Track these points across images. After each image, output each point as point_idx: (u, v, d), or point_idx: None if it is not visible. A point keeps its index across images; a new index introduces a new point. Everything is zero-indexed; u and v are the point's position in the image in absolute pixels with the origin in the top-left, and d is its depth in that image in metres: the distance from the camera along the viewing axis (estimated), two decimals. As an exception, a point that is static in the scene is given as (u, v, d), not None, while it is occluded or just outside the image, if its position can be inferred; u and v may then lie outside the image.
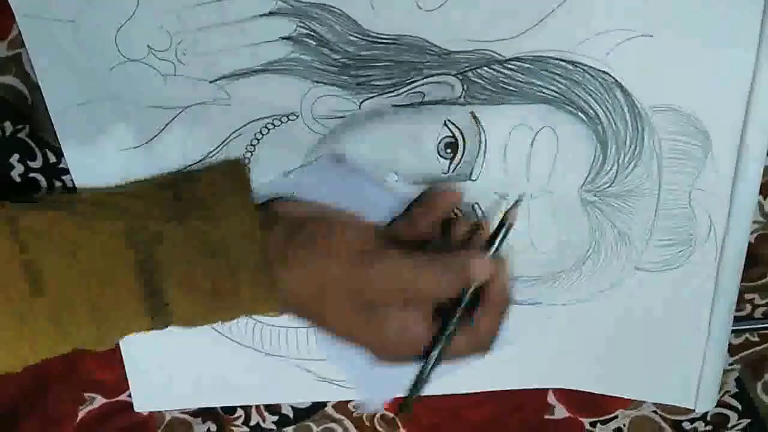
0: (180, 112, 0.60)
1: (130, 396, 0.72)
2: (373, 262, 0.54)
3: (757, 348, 0.73)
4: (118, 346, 0.69)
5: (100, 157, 0.61)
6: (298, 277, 0.53)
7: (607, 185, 0.60)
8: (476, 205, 0.61)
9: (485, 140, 0.59)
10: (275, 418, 0.76)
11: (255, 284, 0.52)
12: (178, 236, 0.52)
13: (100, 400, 0.73)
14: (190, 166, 0.62)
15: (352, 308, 0.53)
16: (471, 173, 0.60)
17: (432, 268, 0.54)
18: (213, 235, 0.53)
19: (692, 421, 0.76)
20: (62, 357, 0.54)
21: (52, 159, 0.62)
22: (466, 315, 0.56)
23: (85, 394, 0.73)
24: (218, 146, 0.61)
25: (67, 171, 0.62)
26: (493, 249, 0.57)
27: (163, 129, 0.60)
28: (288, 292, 0.53)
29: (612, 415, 0.76)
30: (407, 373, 0.57)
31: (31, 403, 0.72)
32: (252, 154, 0.61)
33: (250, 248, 0.53)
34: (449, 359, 0.57)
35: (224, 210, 0.55)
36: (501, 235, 0.57)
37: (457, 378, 0.69)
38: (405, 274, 0.53)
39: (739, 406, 0.75)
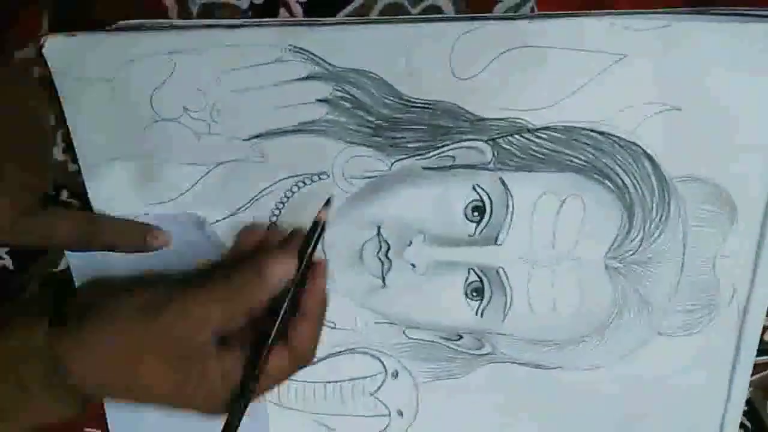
0: (212, 169, 0.60)
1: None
2: (160, 308, 0.52)
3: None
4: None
5: (128, 211, 0.62)
6: (97, 356, 0.52)
7: (632, 253, 0.61)
8: (500, 270, 0.61)
9: (513, 206, 0.60)
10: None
11: (48, 394, 0.52)
12: None
13: None
14: (216, 222, 0.62)
15: (164, 368, 0.52)
16: (497, 237, 0.61)
17: (223, 285, 0.53)
18: (3, 356, 0.52)
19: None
20: None
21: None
22: (281, 327, 0.54)
23: None
24: (247, 203, 0.62)
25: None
26: (306, 249, 0.55)
27: (194, 185, 0.61)
28: (90, 379, 0.52)
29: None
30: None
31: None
32: (280, 212, 0.62)
33: (41, 362, 0.52)
34: (272, 380, 0.55)
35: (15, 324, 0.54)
36: (313, 237, 0.55)
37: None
38: (197, 301, 0.52)
39: (750, 425, 0.76)
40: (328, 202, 0.57)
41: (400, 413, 0.69)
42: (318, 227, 0.56)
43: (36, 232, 0.57)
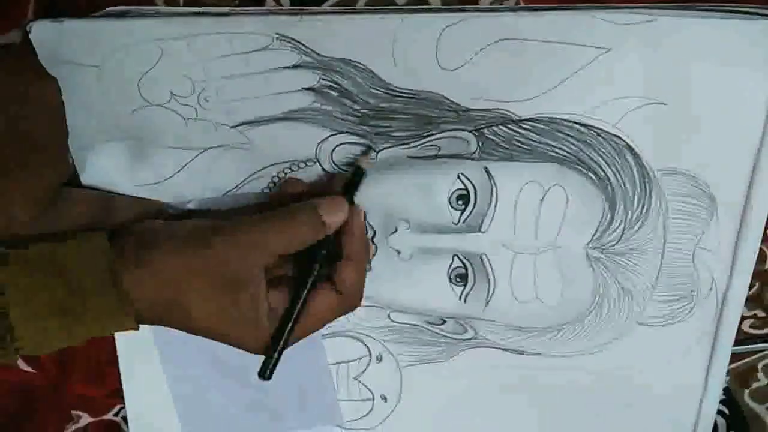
0: (199, 153, 0.62)
1: (116, 415, 0.74)
2: (217, 234, 0.54)
3: (747, 359, 0.77)
4: (107, 365, 0.70)
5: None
6: (153, 278, 0.53)
7: (613, 243, 0.63)
8: (484, 256, 0.63)
9: (497, 195, 0.62)
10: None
11: (103, 299, 0.52)
12: (21, 257, 0.52)
13: (86, 419, 0.74)
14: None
15: (214, 296, 0.53)
16: (481, 225, 0.63)
17: (280, 219, 0.55)
18: (59, 255, 0.53)
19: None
20: (49, 374, 0.57)
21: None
22: (326, 271, 0.57)
23: (72, 412, 0.74)
24: (235, 188, 0.63)
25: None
26: (347, 194, 0.58)
27: (182, 168, 0.62)
28: (145, 299, 0.53)
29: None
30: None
31: (18, 422, 0.73)
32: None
33: (96, 264, 0.53)
34: (319, 320, 0.57)
35: (73, 234, 0.55)
36: (355, 182, 0.59)
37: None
38: (249, 230, 0.54)
39: (728, 412, 0.79)
40: (367, 151, 0.60)
41: (384, 397, 0.71)
42: (361, 173, 0.59)
43: (56, 219, 0.59)
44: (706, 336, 0.68)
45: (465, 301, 0.66)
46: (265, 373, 0.57)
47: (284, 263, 0.60)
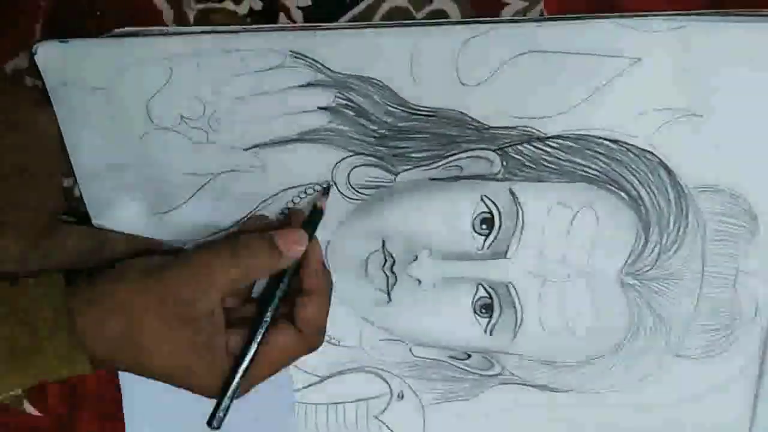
0: (210, 180, 0.60)
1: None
2: (169, 267, 0.53)
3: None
4: (119, 401, 0.68)
5: (126, 222, 0.62)
6: (106, 317, 0.52)
7: (649, 268, 0.60)
8: (510, 285, 0.60)
9: (523, 218, 0.59)
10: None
11: (56, 339, 0.51)
12: None
13: None
14: (216, 233, 0.62)
15: (168, 334, 0.52)
16: (506, 251, 0.60)
17: (233, 248, 0.54)
18: (12, 294, 0.52)
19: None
20: (57, 414, 0.59)
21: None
22: (287, 310, 0.56)
23: None
24: (248, 213, 0.62)
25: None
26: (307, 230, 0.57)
27: (193, 195, 0.61)
28: (99, 339, 0.52)
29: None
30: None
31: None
32: (282, 223, 0.61)
33: (50, 303, 0.52)
34: (278, 361, 0.56)
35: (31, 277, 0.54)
36: (313, 221, 0.57)
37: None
38: (203, 263, 0.53)
39: None
40: (326, 191, 0.59)
41: (406, 438, 0.68)
42: (318, 214, 0.58)
43: (47, 254, 0.58)
44: (750, 368, 0.64)
45: (491, 333, 0.63)
46: (213, 420, 0.55)
47: (246, 304, 0.58)
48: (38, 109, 0.57)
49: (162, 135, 0.59)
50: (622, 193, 0.59)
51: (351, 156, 0.59)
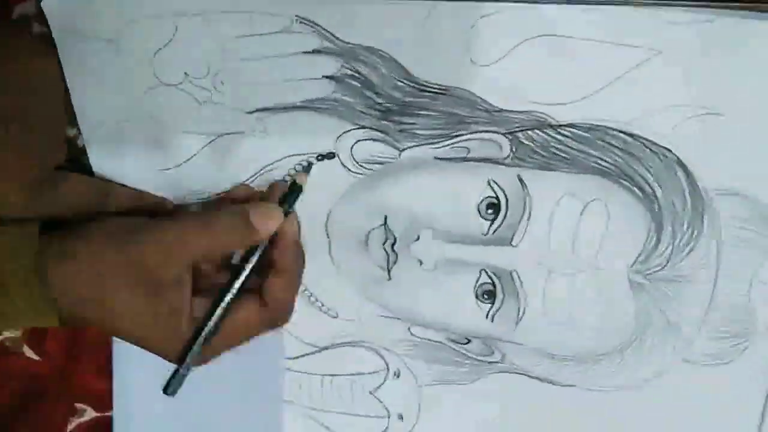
0: (214, 139, 0.60)
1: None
2: (140, 231, 0.53)
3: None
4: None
5: (128, 177, 0.62)
6: (76, 273, 0.52)
7: (659, 268, 0.59)
8: (514, 273, 0.59)
9: (530, 206, 0.59)
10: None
11: (26, 290, 0.52)
12: None
13: (90, 413, 0.73)
14: (219, 194, 0.62)
15: (134, 296, 0.53)
16: (512, 238, 0.59)
17: (206, 218, 0.55)
18: None
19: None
20: (56, 363, 0.60)
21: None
22: (253, 282, 0.56)
23: (77, 405, 0.73)
24: (251, 177, 0.62)
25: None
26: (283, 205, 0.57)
27: (195, 154, 0.61)
28: (68, 294, 0.52)
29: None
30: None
31: (23, 412, 0.72)
32: (285, 189, 0.61)
33: (23, 254, 0.52)
34: (241, 333, 0.56)
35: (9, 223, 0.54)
36: (291, 198, 0.57)
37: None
38: (174, 230, 0.53)
39: None
40: (308, 167, 0.59)
41: (401, 417, 0.68)
42: (297, 190, 0.58)
43: (50, 203, 0.59)
44: (761, 381, 0.63)
45: (492, 320, 0.62)
46: (168, 387, 0.56)
47: (220, 272, 0.59)
48: (42, 57, 0.58)
49: (166, 91, 0.59)
50: (636, 189, 0.58)
51: (356, 129, 0.59)
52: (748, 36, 0.53)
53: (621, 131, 0.57)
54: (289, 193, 0.58)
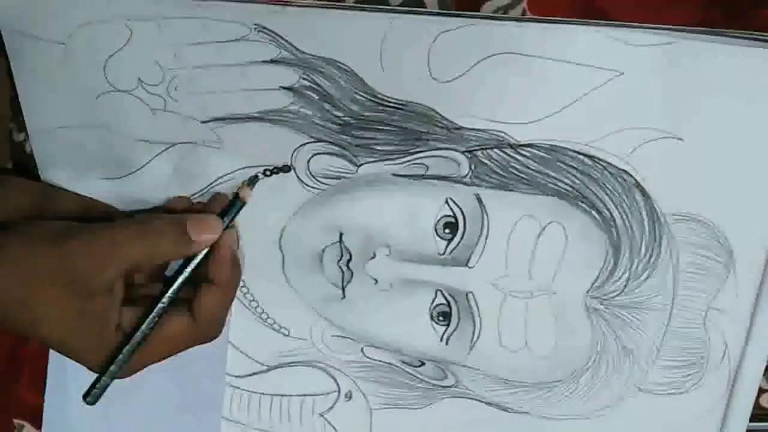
0: (166, 149, 0.59)
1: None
2: (72, 236, 0.52)
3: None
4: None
5: (76, 185, 0.61)
6: (2, 276, 0.51)
7: (616, 294, 0.59)
8: (470, 295, 0.58)
9: (488, 226, 0.58)
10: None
11: None
12: None
13: (29, 429, 0.72)
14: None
15: (61, 300, 0.52)
16: (469, 259, 0.59)
17: (141, 227, 0.54)
18: None
19: None
20: None
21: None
22: (187, 294, 0.55)
23: (15, 421, 0.72)
24: (204, 188, 0.61)
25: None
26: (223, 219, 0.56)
27: (147, 163, 0.60)
28: None
29: None
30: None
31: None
32: (239, 203, 0.60)
33: None
34: (169, 346, 0.56)
35: None
36: (232, 211, 0.57)
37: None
38: (106, 237, 0.52)
39: None
40: (252, 180, 0.58)
41: (350, 440, 0.66)
42: (239, 202, 0.57)
43: None
44: (716, 410, 0.63)
45: (447, 342, 0.62)
46: (87, 395, 0.55)
47: (153, 283, 0.58)
48: None
49: (119, 98, 0.58)
50: (594, 212, 0.57)
51: (312, 142, 0.58)
52: (710, 60, 0.53)
53: (580, 153, 0.56)
54: (230, 206, 0.57)
